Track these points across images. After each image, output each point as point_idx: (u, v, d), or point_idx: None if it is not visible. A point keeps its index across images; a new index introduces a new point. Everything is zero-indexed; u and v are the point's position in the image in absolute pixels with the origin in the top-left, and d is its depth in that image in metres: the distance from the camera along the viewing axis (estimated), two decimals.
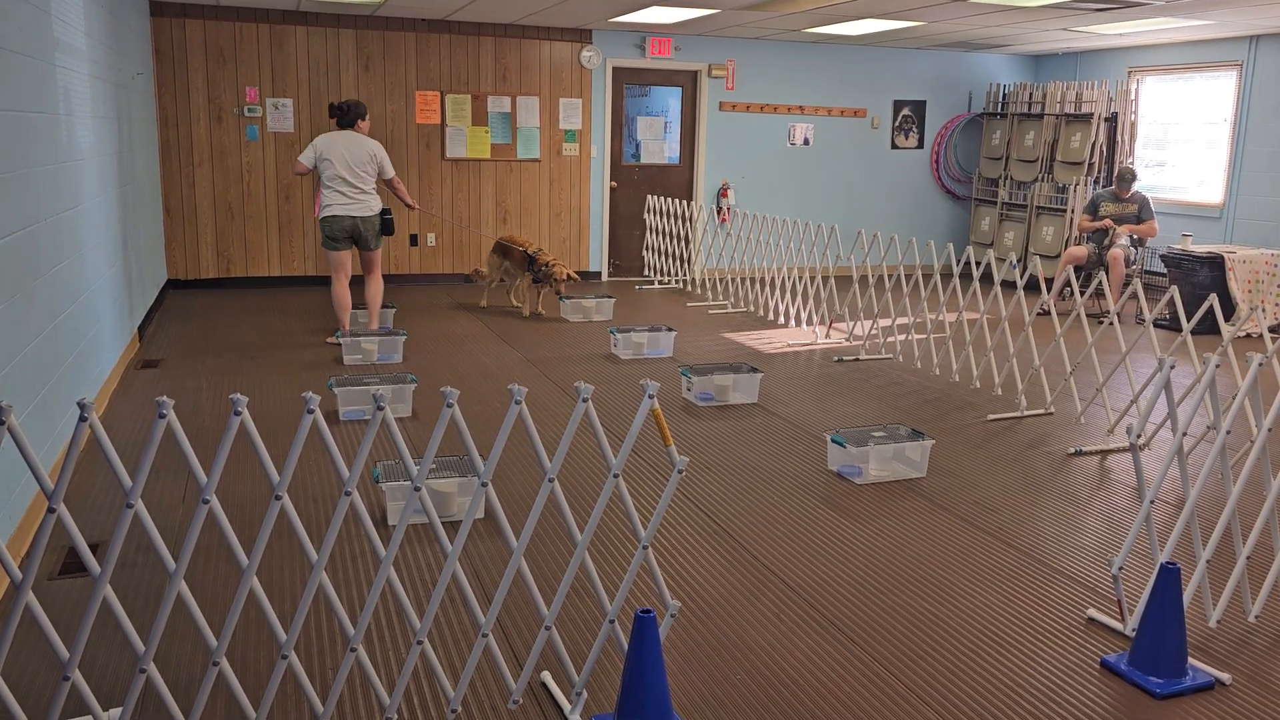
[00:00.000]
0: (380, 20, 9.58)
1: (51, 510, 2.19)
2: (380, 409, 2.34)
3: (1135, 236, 9.07)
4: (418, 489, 2.43)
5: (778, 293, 8.89)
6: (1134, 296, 9.73)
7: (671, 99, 10.89)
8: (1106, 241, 9.05)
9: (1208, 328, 8.38)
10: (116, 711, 2.63)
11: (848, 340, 7.87)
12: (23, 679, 2.88)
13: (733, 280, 10.53)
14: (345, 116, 7.00)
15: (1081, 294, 9.05)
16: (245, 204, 9.52)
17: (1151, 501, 3.13)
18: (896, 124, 11.68)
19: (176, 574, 2.31)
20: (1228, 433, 3.19)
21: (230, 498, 4.30)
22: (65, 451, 4.50)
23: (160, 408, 2.20)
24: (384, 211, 7.18)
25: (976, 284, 6.39)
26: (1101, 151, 10.31)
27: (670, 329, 7.26)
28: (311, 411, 2.29)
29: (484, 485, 2.47)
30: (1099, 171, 10.33)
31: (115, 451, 2.24)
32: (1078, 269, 9.19)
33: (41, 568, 3.58)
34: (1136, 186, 9.29)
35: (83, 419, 2.14)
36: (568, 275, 8.24)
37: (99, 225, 5.78)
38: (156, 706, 2.75)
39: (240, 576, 3.47)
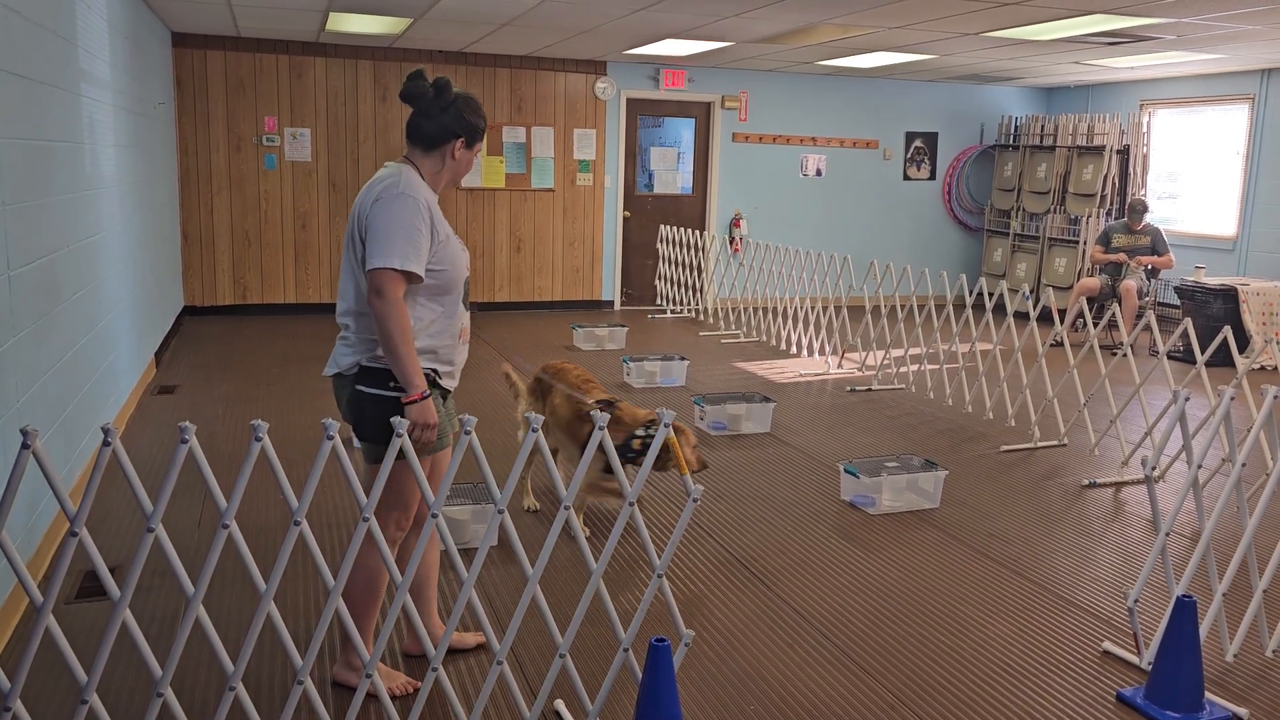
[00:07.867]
0: (398, 51, 9.69)
1: (73, 534, 2.21)
2: (399, 436, 2.36)
3: (1151, 267, 9.07)
4: (434, 515, 2.45)
5: (790, 322, 8.91)
6: (1147, 328, 9.72)
7: (685, 130, 10.97)
8: (1122, 274, 9.05)
9: (1221, 360, 8.35)
10: None
11: (860, 370, 7.87)
12: (40, 701, 2.90)
13: (745, 310, 10.56)
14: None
15: (1094, 325, 9.04)
16: (262, 232, 9.61)
17: (1167, 534, 3.12)
18: (909, 155, 11.74)
19: (195, 598, 2.33)
20: (1243, 465, 3.19)
21: (245, 522, 4.32)
22: (84, 476, 4.54)
23: (183, 433, 2.22)
24: (357, 372, 2.87)
25: (989, 315, 6.39)
26: (1114, 184, 10.33)
27: (683, 358, 7.28)
28: (331, 438, 2.31)
29: (500, 513, 2.49)
30: (1111, 203, 10.35)
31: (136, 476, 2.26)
32: (1090, 300, 9.19)
33: (59, 591, 3.60)
34: (1148, 218, 9.31)
35: (106, 443, 2.17)
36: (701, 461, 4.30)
37: (118, 253, 5.84)
38: None
39: (257, 601, 3.48)
